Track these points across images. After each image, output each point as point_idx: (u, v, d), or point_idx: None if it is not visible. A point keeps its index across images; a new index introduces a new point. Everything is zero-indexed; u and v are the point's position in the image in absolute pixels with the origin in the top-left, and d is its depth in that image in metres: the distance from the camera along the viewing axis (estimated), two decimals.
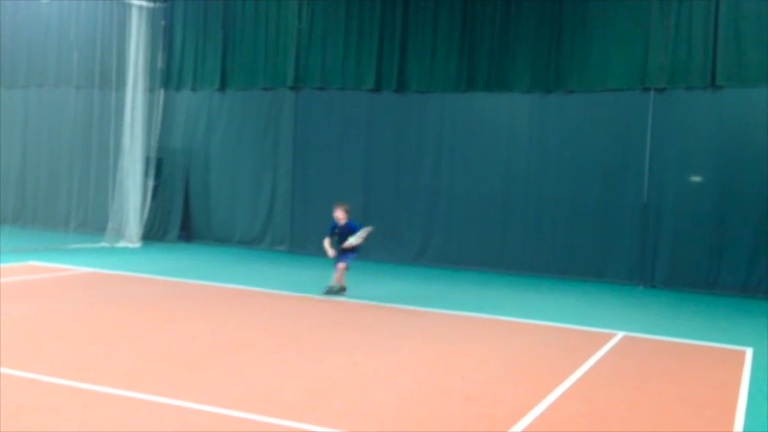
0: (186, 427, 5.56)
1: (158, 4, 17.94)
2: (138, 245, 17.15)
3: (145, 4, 17.43)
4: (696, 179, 14.18)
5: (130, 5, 17.34)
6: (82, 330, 8.68)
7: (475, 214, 15.81)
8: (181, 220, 18.39)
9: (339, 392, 6.64)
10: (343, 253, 11.46)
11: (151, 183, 17.95)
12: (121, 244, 17.07)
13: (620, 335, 9.82)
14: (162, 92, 18.53)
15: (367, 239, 11.64)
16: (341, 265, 11.41)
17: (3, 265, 13.13)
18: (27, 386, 6.34)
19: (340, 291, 11.60)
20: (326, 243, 11.45)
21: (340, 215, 11.45)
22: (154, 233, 18.09)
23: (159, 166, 18.21)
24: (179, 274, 13.15)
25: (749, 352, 9.16)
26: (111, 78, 18.10)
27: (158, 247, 17.28)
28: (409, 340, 8.95)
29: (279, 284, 12.65)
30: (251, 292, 12.03)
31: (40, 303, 10.06)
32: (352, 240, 11.34)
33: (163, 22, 18.29)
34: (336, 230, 11.47)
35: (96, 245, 16.81)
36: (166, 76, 18.54)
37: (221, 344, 8.33)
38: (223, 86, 18.09)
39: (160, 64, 18.39)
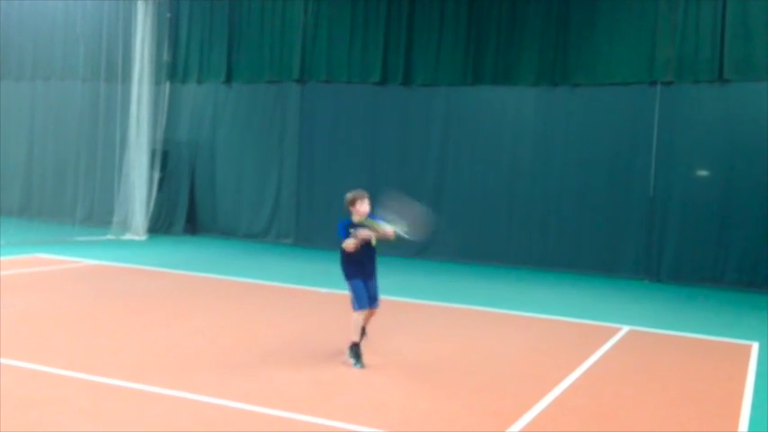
0: (195, 420, 5.59)
1: None
2: (143, 237, 17.18)
3: None
4: (703, 173, 14.14)
5: None
6: (88, 323, 8.71)
7: (481, 208, 15.79)
8: (186, 212, 18.41)
9: (345, 387, 6.66)
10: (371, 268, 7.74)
11: (157, 175, 17.95)
12: (127, 237, 17.10)
13: (625, 329, 9.82)
14: (168, 84, 18.51)
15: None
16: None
17: (9, 257, 13.17)
18: (34, 378, 6.37)
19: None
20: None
21: (365, 208, 7.58)
22: (159, 226, 18.11)
23: (165, 159, 18.21)
24: (185, 267, 13.17)
25: (755, 346, 9.14)
26: (117, 71, 18.12)
27: (164, 239, 17.32)
28: (414, 334, 8.96)
29: (285, 278, 12.67)
30: (257, 285, 12.05)
31: (46, 296, 10.09)
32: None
33: (168, 15, 18.26)
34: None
35: (102, 237, 16.85)
36: (172, 69, 18.53)
37: (228, 337, 8.35)
38: (229, 79, 18.08)
39: (166, 57, 18.38)
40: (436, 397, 6.47)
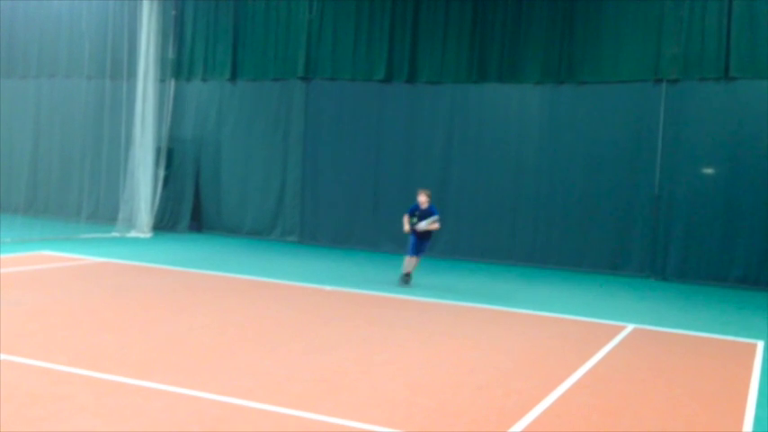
0: (198, 417, 5.59)
1: None
2: (148, 235, 17.21)
3: None
4: (708, 171, 14.11)
5: None
6: (94, 320, 8.72)
7: (485, 205, 15.78)
8: (191, 210, 18.44)
9: (349, 384, 6.66)
10: (420, 241, 12.07)
11: (162, 173, 18.00)
12: (132, 234, 17.14)
13: (630, 327, 9.80)
14: (173, 82, 18.55)
15: (434, 230, 12.12)
16: (415, 258, 12.15)
17: (14, 254, 13.21)
18: (40, 375, 6.38)
19: (407, 279, 12.22)
20: (406, 218, 12.12)
21: (423, 199, 12.07)
22: (164, 223, 18.15)
23: (170, 157, 18.25)
24: (190, 265, 13.19)
25: (760, 345, 9.13)
26: (122, 68, 18.16)
27: (169, 237, 17.34)
28: (419, 332, 8.96)
29: (289, 275, 12.68)
30: (261, 282, 12.05)
31: (51, 293, 10.11)
32: (422, 224, 11.92)
33: (174, 12, 18.30)
34: (417, 212, 12.07)
35: (107, 235, 16.88)
36: (177, 67, 18.56)
37: (232, 334, 8.37)
38: (234, 77, 18.10)
39: (171, 54, 18.41)
40: (440, 394, 6.46)
